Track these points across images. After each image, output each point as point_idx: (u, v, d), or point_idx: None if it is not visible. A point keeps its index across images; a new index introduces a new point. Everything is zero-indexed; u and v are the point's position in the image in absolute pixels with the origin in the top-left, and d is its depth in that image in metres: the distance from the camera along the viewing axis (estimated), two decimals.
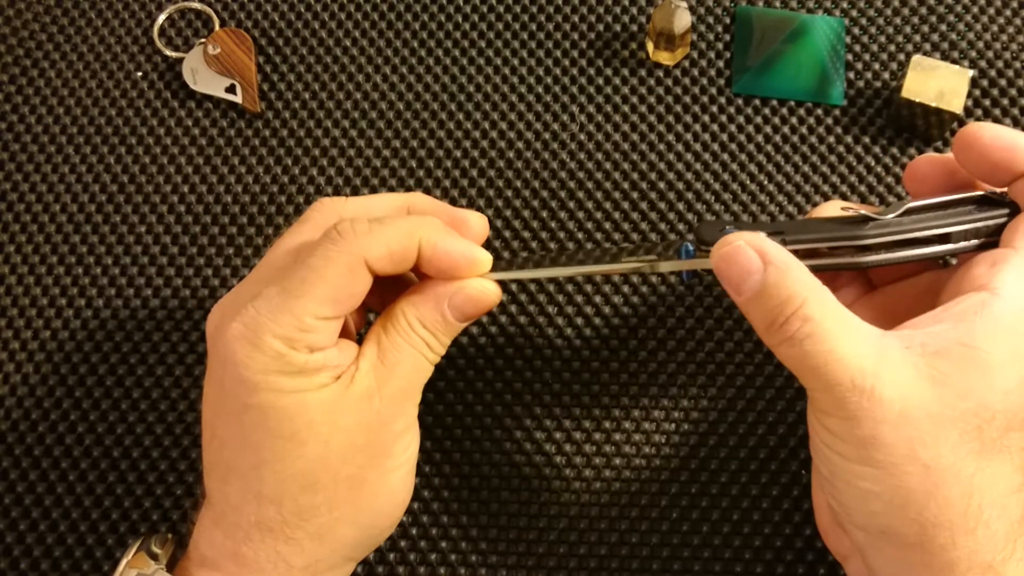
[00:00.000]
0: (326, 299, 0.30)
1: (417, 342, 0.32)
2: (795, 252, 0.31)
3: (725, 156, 0.44)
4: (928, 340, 0.28)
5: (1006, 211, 0.32)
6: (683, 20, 0.43)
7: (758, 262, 0.29)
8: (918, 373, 0.28)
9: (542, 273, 0.36)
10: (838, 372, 0.28)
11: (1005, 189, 0.32)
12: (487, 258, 0.33)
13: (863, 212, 0.32)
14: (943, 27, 0.46)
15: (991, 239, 0.32)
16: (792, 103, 0.45)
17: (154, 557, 0.33)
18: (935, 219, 0.32)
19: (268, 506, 0.30)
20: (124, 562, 0.32)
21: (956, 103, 0.42)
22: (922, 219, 0.32)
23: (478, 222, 0.35)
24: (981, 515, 0.27)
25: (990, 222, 0.31)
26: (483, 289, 0.33)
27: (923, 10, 0.46)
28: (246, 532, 0.30)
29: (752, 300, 0.30)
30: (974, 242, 0.32)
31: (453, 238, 0.32)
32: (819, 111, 0.45)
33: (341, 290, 0.30)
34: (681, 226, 0.43)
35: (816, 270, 0.32)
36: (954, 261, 0.40)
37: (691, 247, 0.33)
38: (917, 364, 0.28)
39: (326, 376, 0.31)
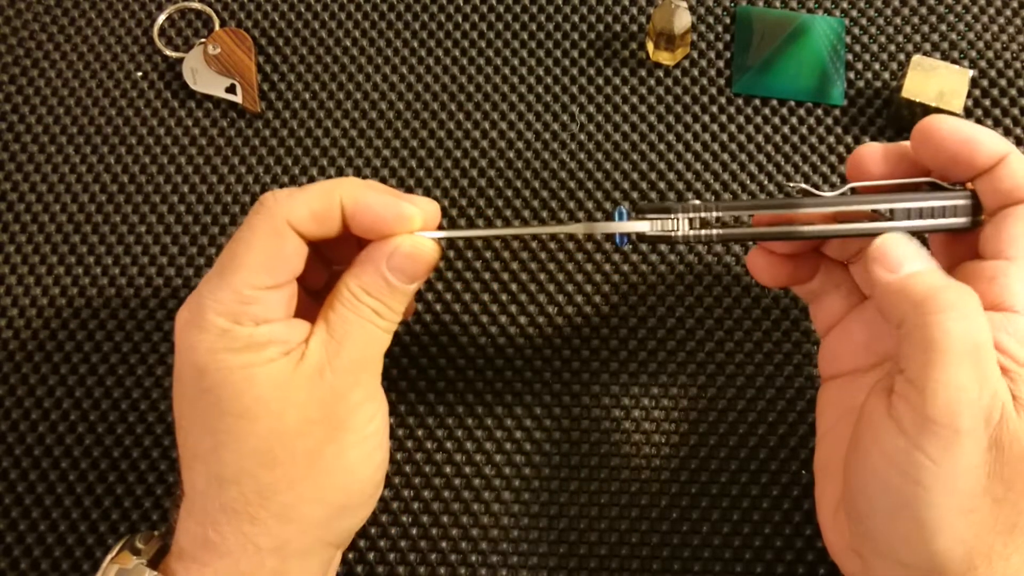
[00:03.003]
0: (258, 267, 0.30)
1: (364, 311, 0.32)
2: (737, 220, 0.32)
3: (725, 156, 0.44)
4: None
5: (958, 193, 0.31)
6: (683, 20, 0.43)
7: (920, 257, 0.29)
8: (1017, 403, 0.27)
9: (478, 233, 0.36)
10: (975, 375, 0.26)
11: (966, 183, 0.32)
12: (415, 212, 0.32)
13: (803, 187, 0.32)
14: (943, 27, 0.46)
15: (942, 221, 0.31)
16: (792, 103, 0.45)
17: (137, 553, 0.33)
18: (877, 197, 0.32)
19: (230, 487, 0.30)
20: (108, 559, 0.32)
21: (956, 103, 0.42)
22: (864, 197, 0.32)
23: (425, 204, 0.33)
24: (1019, 540, 0.27)
25: (937, 203, 0.31)
26: (419, 245, 0.32)
27: (923, 10, 0.46)
28: (213, 516, 0.30)
29: (920, 274, 0.29)
30: (920, 222, 0.31)
31: (375, 192, 0.32)
32: (819, 111, 0.45)
33: (270, 255, 0.30)
34: None
35: (756, 238, 0.32)
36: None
37: (624, 211, 0.33)
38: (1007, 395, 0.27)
39: (274, 351, 0.30)
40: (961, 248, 0.32)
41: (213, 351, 0.30)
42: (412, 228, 0.32)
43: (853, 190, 0.32)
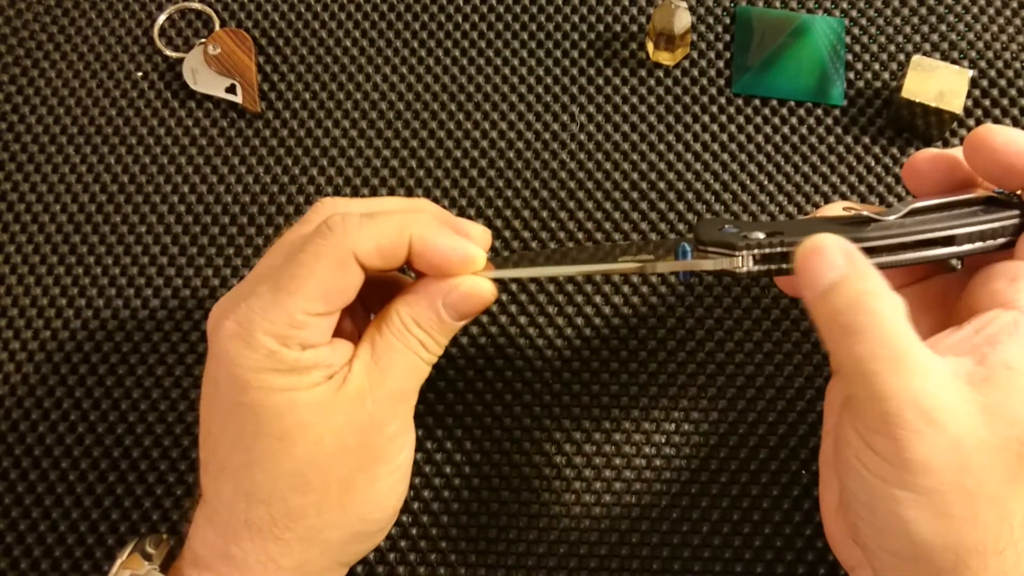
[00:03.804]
0: (316, 295, 0.30)
1: (412, 342, 0.32)
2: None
3: (725, 156, 0.44)
4: (973, 368, 0.28)
5: (1015, 212, 0.31)
6: (683, 20, 0.43)
7: (843, 258, 0.29)
8: (969, 399, 0.27)
9: (539, 272, 0.35)
10: (901, 384, 0.27)
11: (1018, 192, 0.32)
12: (480, 255, 0.32)
13: (865, 213, 0.31)
14: (943, 27, 0.46)
15: (998, 241, 0.31)
16: (792, 103, 0.45)
17: (148, 558, 0.32)
18: (939, 221, 0.31)
19: (258, 506, 0.30)
20: (118, 563, 0.32)
21: (956, 103, 0.42)
22: (926, 220, 0.31)
23: (479, 234, 0.34)
24: (1012, 535, 0.27)
25: (996, 224, 0.31)
26: (478, 287, 0.32)
27: (923, 10, 0.46)
28: (236, 531, 0.30)
29: (828, 292, 0.29)
30: (980, 244, 0.31)
31: (445, 234, 0.32)
32: (819, 111, 0.45)
33: (331, 285, 0.30)
34: (681, 226, 0.43)
35: None
36: (959, 265, 0.40)
37: (688, 247, 0.32)
38: (966, 390, 0.27)
39: (318, 375, 0.30)
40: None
41: (258, 370, 0.29)
42: (474, 270, 0.32)
43: (913, 210, 0.32)
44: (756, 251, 0.31)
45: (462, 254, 0.32)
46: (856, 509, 0.30)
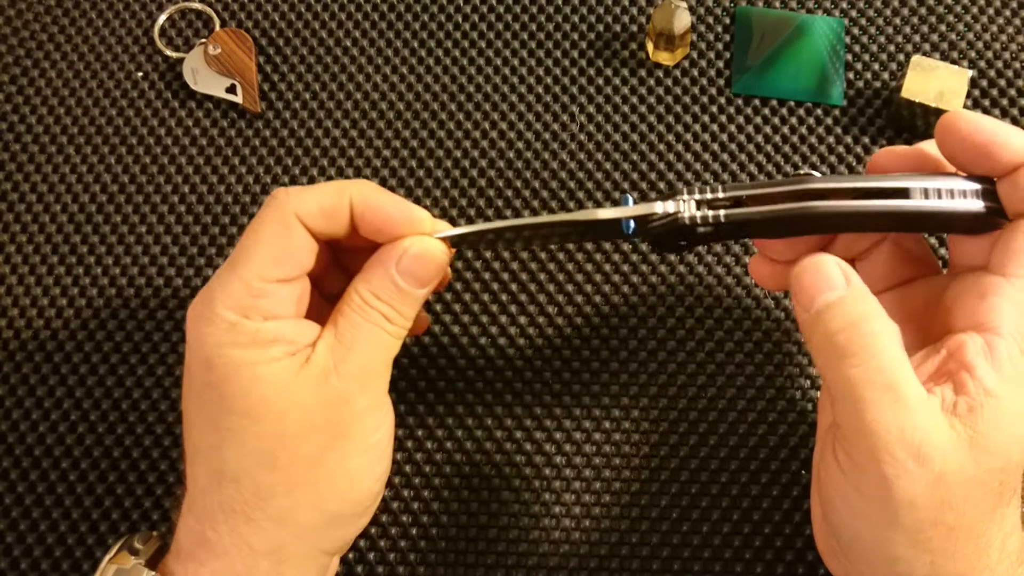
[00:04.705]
0: (268, 259, 0.30)
1: (374, 316, 0.31)
2: (752, 197, 0.31)
3: (725, 156, 0.44)
4: (955, 398, 0.27)
5: (976, 179, 0.31)
6: (683, 20, 0.43)
7: (842, 279, 0.29)
8: (958, 434, 0.27)
9: (488, 227, 0.34)
10: (891, 417, 0.26)
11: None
12: (425, 216, 0.32)
13: (810, 171, 0.32)
14: (943, 27, 0.46)
15: (958, 203, 0.30)
16: (792, 103, 0.45)
17: (136, 553, 0.32)
18: (891, 176, 0.31)
19: (229, 485, 0.30)
20: (106, 559, 0.32)
21: (956, 103, 0.42)
22: (880, 175, 0.31)
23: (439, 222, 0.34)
24: (988, 561, 0.28)
25: (956, 185, 0.30)
26: (428, 248, 0.32)
27: (923, 10, 0.46)
28: (211, 514, 0.30)
29: (824, 313, 0.28)
30: (937, 202, 0.30)
31: (386, 195, 0.32)
32: (819, 111, 0.45)
33: (280, 248, 0.31)
34: None
35: (767, 217, 0.31)
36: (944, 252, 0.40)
37: (630, 198, 0.33)
38: (956, 425, 0.27)
39: (279, 350, 0.30)
40: (980, 256, 0.31)
41: (220, 345, 0.30)
42: (421, 230, 0.32)
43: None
44: (698, 195, 0.31)
45: (405, 212, 0.32)
46: (839, 540, 0.30)
